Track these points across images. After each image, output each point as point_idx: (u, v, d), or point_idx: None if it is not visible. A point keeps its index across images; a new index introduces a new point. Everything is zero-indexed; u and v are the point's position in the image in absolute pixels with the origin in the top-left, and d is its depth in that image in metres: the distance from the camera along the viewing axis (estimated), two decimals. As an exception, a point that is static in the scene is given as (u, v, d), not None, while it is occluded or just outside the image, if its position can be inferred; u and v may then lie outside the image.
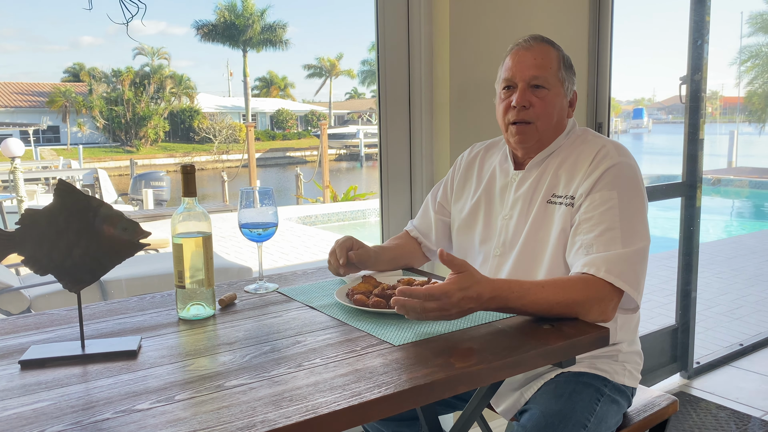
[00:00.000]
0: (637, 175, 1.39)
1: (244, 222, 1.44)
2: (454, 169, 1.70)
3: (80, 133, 22.00)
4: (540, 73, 1.43)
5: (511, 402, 1.46)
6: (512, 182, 1.52)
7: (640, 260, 1.29)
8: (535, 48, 1.45)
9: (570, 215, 1.38)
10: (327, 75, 31.88)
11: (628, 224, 1.30)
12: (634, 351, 1.50)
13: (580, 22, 2.42)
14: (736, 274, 5.55)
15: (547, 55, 1.45)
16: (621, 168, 1.36)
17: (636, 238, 1.30)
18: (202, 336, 1.19)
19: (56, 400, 0.91)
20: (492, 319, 1.24)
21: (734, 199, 14.82)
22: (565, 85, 1.47)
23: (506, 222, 1.50)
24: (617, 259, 1.26)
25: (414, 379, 0.96)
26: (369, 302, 1.30)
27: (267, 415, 0.85)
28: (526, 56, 1.45)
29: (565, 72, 1.47)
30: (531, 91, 1.44)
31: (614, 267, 1.25)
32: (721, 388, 2.87)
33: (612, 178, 1.35)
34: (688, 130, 2.92)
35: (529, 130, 1.45)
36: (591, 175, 1.37)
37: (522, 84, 1.44)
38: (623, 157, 1.38)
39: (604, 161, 1.37)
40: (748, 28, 20.33)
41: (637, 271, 1.27)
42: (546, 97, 1.44)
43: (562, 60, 1.47)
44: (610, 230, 1.29)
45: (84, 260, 1.09)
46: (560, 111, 1.47)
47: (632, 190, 1.35)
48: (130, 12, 1.68)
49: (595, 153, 1.40)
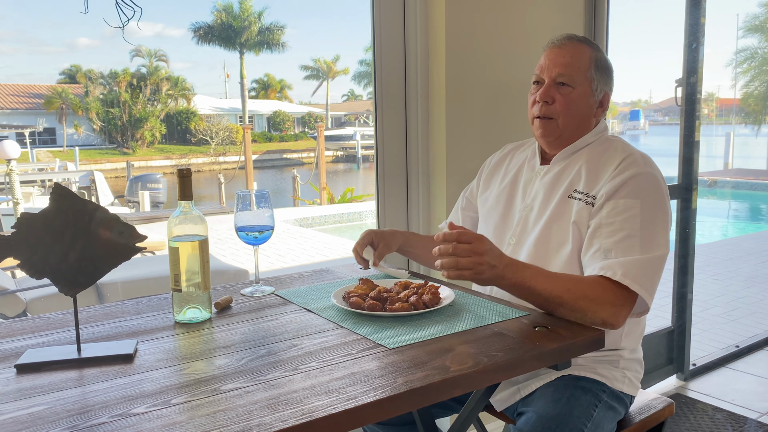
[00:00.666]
0: (662, 186, 1.40)
1: (240, 225, 1.44)
2: (483, 166, 1.75)
3: (76, 135, 21.97)
4: (566, 71, 1.46)
5: (506, 394, 1.47)
6: (537, 176, 1.54)
7: (656, 267, 1.31)
8: (567, 46, 1.48)
9: (587, 213, 1.39)
10: (324, 77, 31.89)
11: (648, 233, 1.32)
12: (636, 359, 1.51)
13: (575, 24, 2.43)
14: (732, 276, 5.56)
15: (577, 54, 1.47)
16: (646, 178, 1.38)
17: (654, 246, 1.31)
18: (199, 339, 1.19)
19: (52, 404, 0.91)
20: (488, 322, 1.24)
21: (730, 200, 14.86)
22: (594, 85, 1.49)
23: (526, 213, 1.52)
24: (634, 264, 1.27)
25: (410, 382, 0.97)
26: (365, 305, 1.30)
27: (263, 419, 0.85)
28: (556, 54, 1.48)
29: (597, 72, 1.49)
30: (556, 88, 1.47)
31: (630, 271, 1.27)
32: (718, 390, 2.88)
33: (636, 186, 1.36)
34: (684, 133, 2.92)
35: (551, 126, 1.49)
36: (615, 179, 1.38)
37: (548, 80, 1.48)
38: (649, 168, 1.40)
39: (630, 168, 1.39)
40: (744, 30, 20.41)
41: (651, 277, 1.29)
42: (570, 94, 1.47)
43: (595, 60, 1.49)
44: (630, 237, 1.31)
45: (80, 264, 1.09)
46: (585, 109, 1.49)
47: (656, 200, 1.36)
48: (126, 15, 1.68)
49: (622, 159, 1.42)
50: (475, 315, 1.28)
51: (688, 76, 2.86)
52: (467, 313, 1.29)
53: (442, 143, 2.11)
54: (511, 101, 2.22)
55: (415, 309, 1.28)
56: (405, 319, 1.26)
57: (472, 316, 1.28)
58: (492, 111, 2.18)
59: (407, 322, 1.24)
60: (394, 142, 2.16)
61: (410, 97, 2.15)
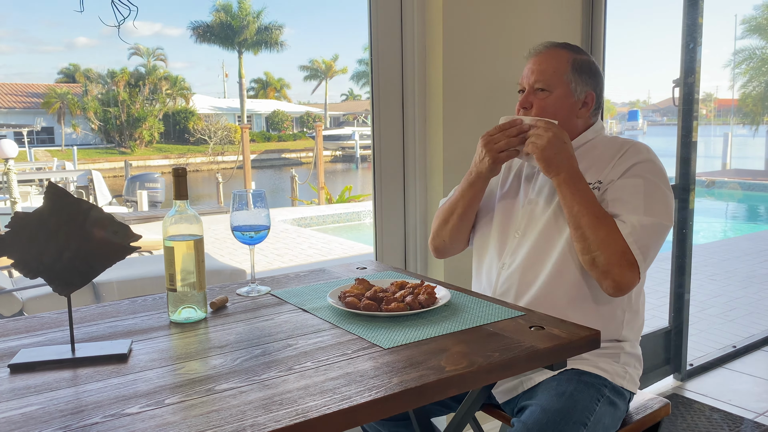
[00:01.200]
0: (664, 173, 1.47)
1: (236, 224, 1.43)
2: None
3: (75, 135, 21.93)
4: (540, 77, 1.51)
5: (510, 386, 1.48)
6: (539, 171, 1.55)
7: (656, 232, 1.38)
8: (543, 53, 1.54)
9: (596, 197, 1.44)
10: (323, 76, 31.88)
11: (651, 201, 1.39)
12: (635, 355, 1.53)
13: (573, 25, 2.43)
14: (729, 277, 5.57)
15: (553, 59, 1.52)
16: (649, 164, 1.45)
17: (657, 213, 1.38)
18: (193, 339, 1.18)
19: (45, 404, 0.91)
20: (483, 322, 1.24)
21: (728, 201, 14.87)
22: (573, 86, 1.51)
23: (531, 207, 1.53)
24: (641, 228, 1.36)
25: (404, 383, 0.96)
26: (361, 305, 1.30)
27: (257, 419, 0.85)
28: (533, 62, 1.54)
29: (576, 74, 1.51)
30: (534, 94, 1.52)
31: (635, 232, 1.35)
32: (715, 390, 2.88)
33: (640, 170, 1.44)
34: (682, 133, 2.93)
35: None
36: (620, 165, 1.45)
37: (528, 88, 1.53)
38: (652, 155, 1.47)
39: (634, 155, 1.46)
40: (743, 30, 20.45)
41: (648, 239, 1.36)
42: (545, 99, 1.51)
43: (573, 62, 1.52)
44: (635, 204, 1.39)
45: (74, 263, 1.08)
46: (565, 111, 1.52)
47: (659, 180, 1.43)
48: (122, 14, 1.68)
49: (626, 148, 1.48)
50: (470, 315, 1.28)
51: (686, 77, 2.86)
52: (463, 314, 1.29)
53: (439, 142, 2.11)
54: (508, 100, 2.22)
55: (410, 309, 1.28)
56: (401, 319, 1.26)
57: (468, 316, 1.28)
58: (489, 110, 2.18)
59: (403, 322, 1.24)
60: (392, 141, 2.16)
61: (407, 97, 2.14)
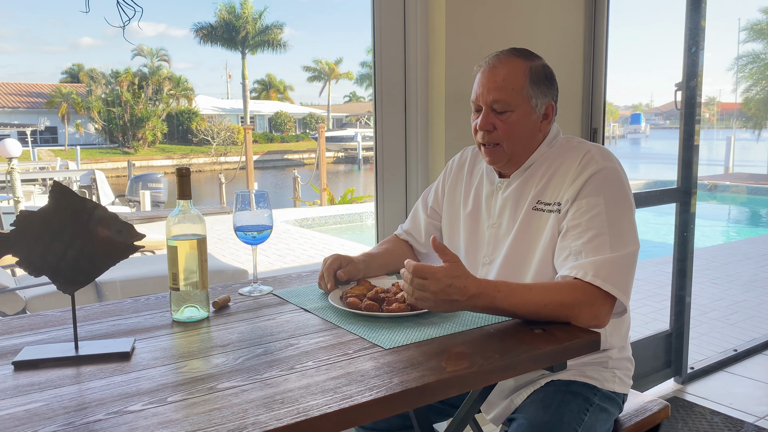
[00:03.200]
0: (623, 179, 1.38)
1: (239, 225, 1.44)
2: (444, 173, 1.69)
3: (78, 135, 21.98)
4: (500, 96, 1.39)
5: (501, 409, 1.46)
6: (498, 190, 1.51)
7: (628, 264, 1.29)
8: (499, 68, 1.40)
9: (557, 222, 1.37)
10: (326, 78, 31.91)
11: (616, 229, 1.30)
12: (625, 357, 1.50)
13: (575, 28, 2.43)
14: (731, 280, 5.56)
15: (511, 74, 1.39)
16: (606, 173, 1.35)
17: (624, 242, 1.29)
18: (196, 338, 1.19)
19: (49, 401, 0.92)
20: (484, 323, 1.25)
21: (730, 204, 14.86)
22: (533, 101, 1.41)
23: (495, 230, 1.49)
24: (605, 264, 1.26)
25: (405, 383, 0.97)
26: (362, 305, 1.31)
27: (258, 418, 0.86)
28: (489, 78, 1.41)
29: (534, 87, 1.41)
30: (494, 115, 1.41)
31: (601, 271, 1.25)
32: (715, 394, 2.88)
33: (598, 183, 1.34)
34: (684, 136, 2.93)
35: (497, 152, 1.44)
36: (576, 181, 1.36)
37: (485, 108, 1.41)
38: (608, 162, 1.37)
39: (588, 167, 1.36)
40: (747, 34, 20.43)
41: (624, 274, 1.27)
42: (509, 119, 1.40)
43: (530, 74, 1.40)
44: (599, 236, 1.29)
45: (78, 262, 1.09)
46: (529, 128, 1.43)
47: (619, 195, 1.34)
48: (127, 15, 1.69)
49: (580, 158, 1.39)
50: (471, 316, 1.28)
51: (688, 80, 2.86)
52: (464, 315, 1.30)
53: (441, 145, 2.12)
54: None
55: (412, 310, 1.28)
56: (402, 319, 1.27)
57: (469, 317, 1.28)
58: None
59: (404, 323, 1.25)
60: (394, 143, 2.16)
61: (410, 99, 2.15)
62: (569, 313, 1.22)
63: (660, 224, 5.27)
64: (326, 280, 1.45)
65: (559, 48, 2.39)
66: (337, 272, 1.47)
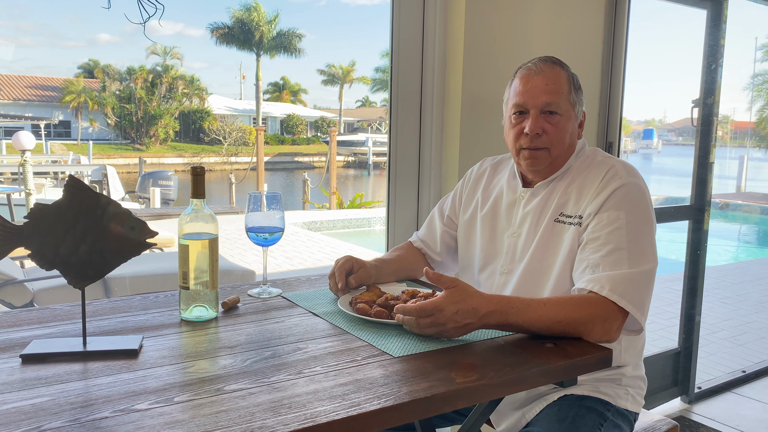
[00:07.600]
0: (646, 195, 1.37)
1: (250, 226, 1.44)
2: (463, 182, 1.70)
3: (91, 129, 22.11)
4: (553, 99, 1.41)
5: (512, 421, 1.45)
6: (520, 199, 1.51)
7: (646, 281, 1.28)
8: (546, 72, 1.42)
9: (578, 235, 1.37)
10: (339, 82, 31.99)
11: (635, 245, 1.29)
12: (638, 375, 1.49)
13: (594, 42, 2.42)
14: (741, 300, 5.51)
15: (558, 79, 1.42)
16: (629, 188, 1.35)
17: (643, 259, 1.29)
18: (204, 338, 1.19)
19: (55, 396, 0.91)
20: (495, 335, 1.23)
21: (742, 224, 14.74)
22: (576, 108, 1.45)
23: (514, 239, 1.49)
24: (622, 279, 1.25)
25: (414, 392, 0.96)
26: (371, 312, 1.30)
27: (265, 422, 0.85)
28: (537, 81, 1.42)
29: (576, 94, 1.45)
30: (544, 118, 1.42)
31: (618, 286, 1.24)
32: (722, 415, 2.84)
33: (620, 198, 1.34)
34: (699, 154, 2.91)
35: (542, 156, 1.44)
36: (599, 195, 1.36)
37: (534, 111, 1.42)
38: (632, 177, 1.37)
39: (612, 181, 1.36)
40: (762, 54, 20.33)
41: (642, 292, 1.26)
42: (559, 122, 1.42)
43: (572, 81, 1.45)
44: (618, 250, 1.28)
45: (90, 257, 1.09)
46: (572, 134, 1.46)
47: (640, 211, 1.34)
48: (148, 12, 1.69)
49: (605, 173, 1.39)
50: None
51: (705, 97, 2.84)
52: (474, 325, 1.28)
53: (456, 152, 2.11)
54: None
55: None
56: (411, 327, 1.25)
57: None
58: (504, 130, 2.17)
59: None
60: (408, 148, 2.16)
61: (425, 104, 2.15)
62: (582, 329, 1.21)
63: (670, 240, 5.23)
64: (337, 279, 1.45)
65: (577, 59, 2.38)
66: (348, 278, 1.46)
